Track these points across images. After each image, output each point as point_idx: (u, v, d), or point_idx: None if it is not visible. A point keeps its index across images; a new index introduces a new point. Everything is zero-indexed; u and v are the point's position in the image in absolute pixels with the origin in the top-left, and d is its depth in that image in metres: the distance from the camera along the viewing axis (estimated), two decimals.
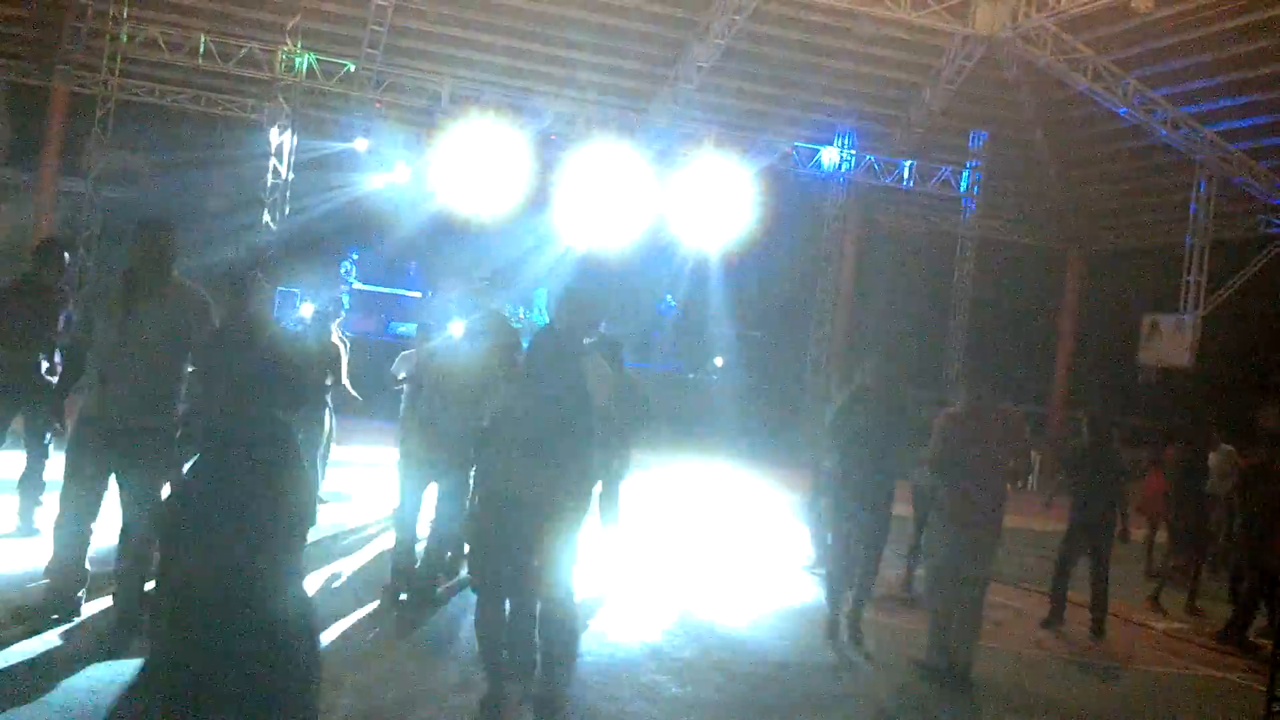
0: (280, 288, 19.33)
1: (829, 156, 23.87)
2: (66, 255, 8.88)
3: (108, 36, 20.48)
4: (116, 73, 20.75)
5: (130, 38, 20.59)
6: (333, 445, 10.79)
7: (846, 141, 23.83)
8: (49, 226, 21.38)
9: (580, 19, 21.75)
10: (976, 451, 7.48)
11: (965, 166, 24.49)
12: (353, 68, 21.35)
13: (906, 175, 24.44)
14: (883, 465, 8.06)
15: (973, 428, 7.55)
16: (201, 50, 20.70)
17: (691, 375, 25.27)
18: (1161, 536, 13.21)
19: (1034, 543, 12.96)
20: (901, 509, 8.64)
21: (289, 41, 20.67)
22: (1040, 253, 27.84)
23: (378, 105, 22.33)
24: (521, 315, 22.02)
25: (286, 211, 21.09)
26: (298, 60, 20.77)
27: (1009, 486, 7.80)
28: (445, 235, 21.84)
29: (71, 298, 8.89)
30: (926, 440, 7.74)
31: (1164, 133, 21.69)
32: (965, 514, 7.48)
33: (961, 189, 24.65)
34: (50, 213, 22.15)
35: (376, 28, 21.49)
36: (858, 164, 24.01)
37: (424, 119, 22.32)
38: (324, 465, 10.44)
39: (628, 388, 8.77)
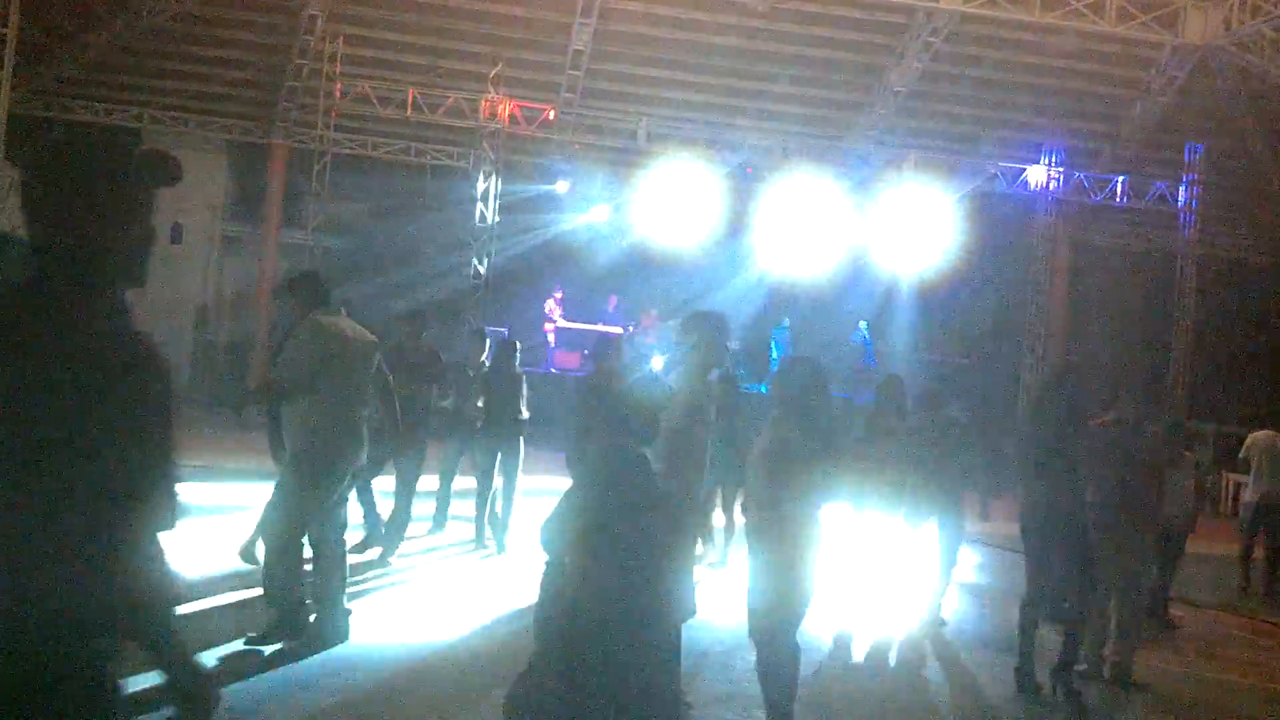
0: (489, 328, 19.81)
1: (1036, 176, 23.21)
2: None
3: (322, 94, 21.47)
4: (331, 128, 21.76)
5: (343, 94, 21.57)
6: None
7: (1053, 160, 23.13)
8: (273, 277, 22.44)
9: (774, 51, 21.74)
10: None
11: (1182, 181, 23.46)
12: (553, 114, 21.86)
13: (1119, 192, 23.55)
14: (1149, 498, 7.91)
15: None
16: (409, 102, 21.51)
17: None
18: None
19: None
20: None
21: (491, 90, 21.29)
22: (1269, 269, 26.38)
23: (576, 147, 22.77)
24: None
25: (493, 254, 21.66)
26: (500, 108, 21.37)
27: None
28: (644, 271, 22.04)
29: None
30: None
31: None
32: None
33: (1179, 204, 23.61)
34: (274, 264, 23.23)
35: (574, 72, 21.94)
36: (1066, 182, 23.26)
37: (622, 157, 22.63)
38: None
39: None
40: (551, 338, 21.74)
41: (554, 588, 3.79)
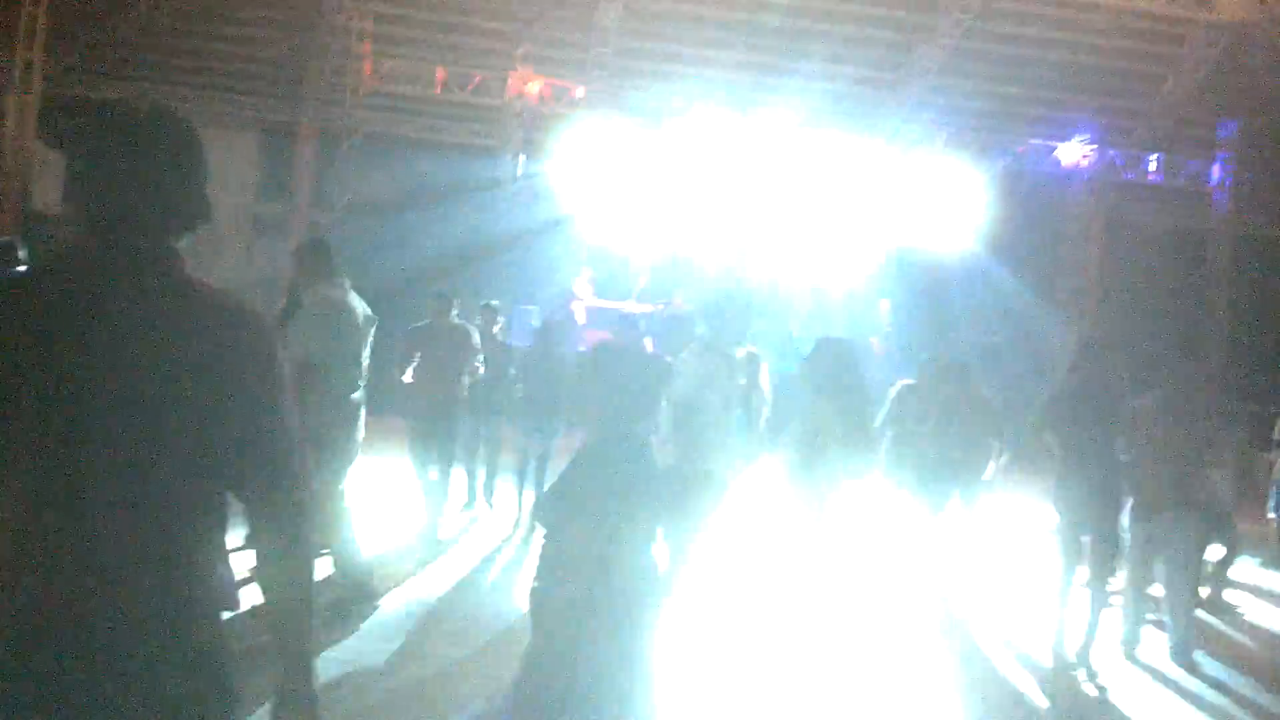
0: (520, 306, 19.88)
1: (1068, 154, 23.00)
2: None
3: (350, 72, 21.49)
4: (359, 107, 21.77)
5: (371, 73, 21.57)
6: None
7: (1086, 137, 22.92)
8: None
9: (803, 28, 21.58)
10: None
11: (1216, 159, 23.20)
12: (581, 91, 21.80)
13: (1153, 169, 23.31)
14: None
15: None
16: (437, 81, 21.50)
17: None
18: None
19: None
20: None
21: (518, 68, 21.25)
22: None
23: (605, 126, 22.66)
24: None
25: (521, 231, 21.64)
26: (528, 86, 21.34)
27: None
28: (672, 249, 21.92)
29: None
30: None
31: None
32: None
33: (1213, 183, 23.36)
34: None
35: (602, 49, 21.85)
36: (1099, 160, 23.05)
37: (651, 135, 22.49)
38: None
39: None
40: (580, 316, 21.67)
41: (547, 560, 3.83)
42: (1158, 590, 8.12)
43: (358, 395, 7.03)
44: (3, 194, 19.98)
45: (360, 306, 7.09)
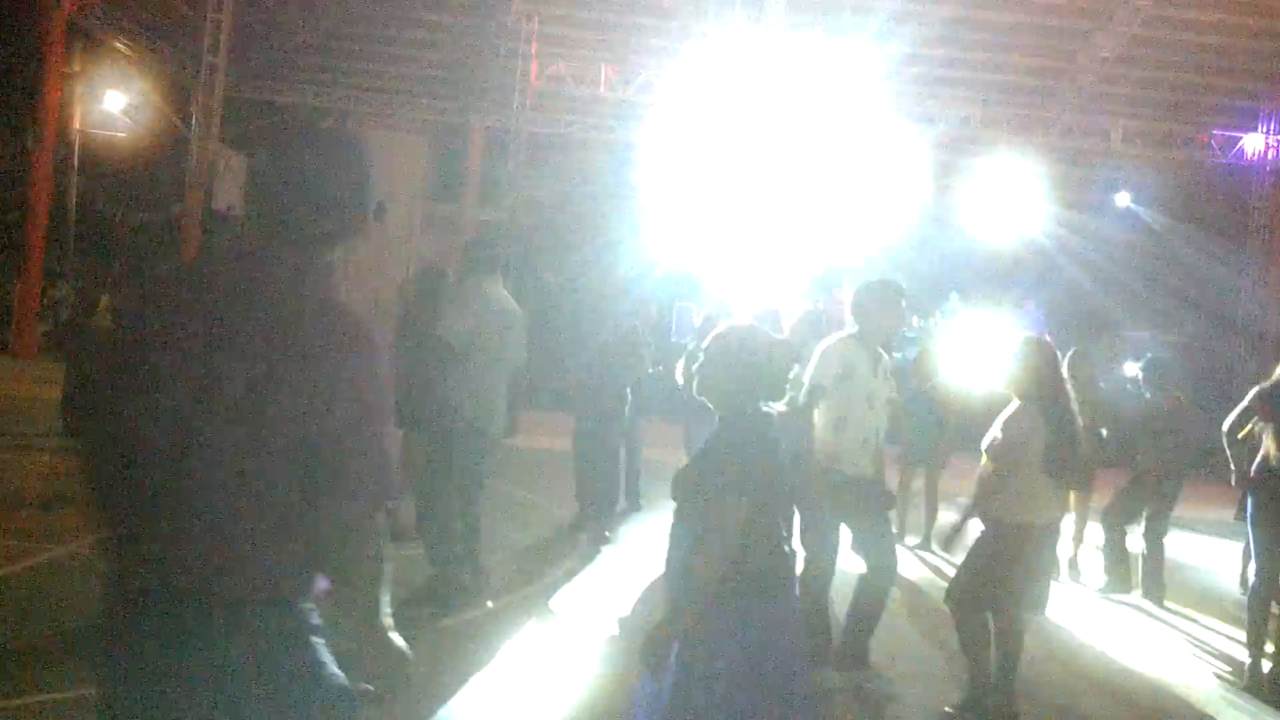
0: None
1: (1253, 144, 22.04)
2: None
3: (519, 74, 21.85)
4: (526, 107, 22.13)
5: (537, 74, 21.92)
6: None
7: (1272, 127, 21.92)
8: None
9: (973, 18, 21.09)
10: None
11: None
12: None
13: None
14: None
15: None
16: (602, 80, 21.71)
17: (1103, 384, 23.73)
18: None
19: None
20: None
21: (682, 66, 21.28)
22: None
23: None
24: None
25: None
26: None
27: None
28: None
29: None
30: None
31: None
32: None
33: None
34: None
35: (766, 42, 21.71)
36: None
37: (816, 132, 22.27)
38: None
39: None
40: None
41: (679, 541, 3.81)
42: None
43: (500, 387, 7.15)
44: (188, 194, 20.89)
45: (510, 303, 7.26)
